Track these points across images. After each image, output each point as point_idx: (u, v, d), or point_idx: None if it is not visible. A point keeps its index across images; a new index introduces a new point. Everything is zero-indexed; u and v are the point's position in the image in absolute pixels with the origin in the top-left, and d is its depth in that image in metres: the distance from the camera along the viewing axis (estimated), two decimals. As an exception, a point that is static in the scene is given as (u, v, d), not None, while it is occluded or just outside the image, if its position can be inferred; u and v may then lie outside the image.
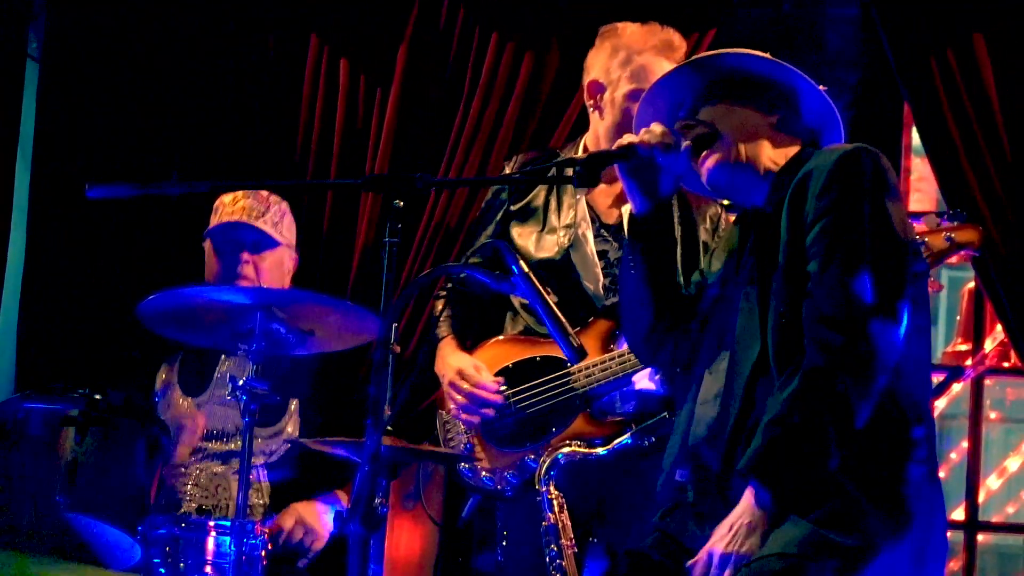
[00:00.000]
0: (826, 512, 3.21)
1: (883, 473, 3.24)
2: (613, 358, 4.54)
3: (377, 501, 3.57)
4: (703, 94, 3.55)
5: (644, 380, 4.54)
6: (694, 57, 3.63)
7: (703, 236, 4.61)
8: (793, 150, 3.52)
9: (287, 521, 4.88)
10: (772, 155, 3.49)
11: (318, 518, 4.93)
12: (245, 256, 5.01)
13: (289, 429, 5.02)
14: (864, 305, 3.22)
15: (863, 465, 3.22)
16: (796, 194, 3.36)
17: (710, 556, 3.28)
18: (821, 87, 3.56)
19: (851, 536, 3.19)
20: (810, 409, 3.21)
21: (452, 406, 4.70)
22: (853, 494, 3.21)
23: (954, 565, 6.35)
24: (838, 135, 3.58)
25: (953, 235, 4.46)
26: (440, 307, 4.89)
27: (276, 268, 5.07)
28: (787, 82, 3.54)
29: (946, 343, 7.89)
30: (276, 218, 5.06)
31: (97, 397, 4.58)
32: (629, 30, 4.64)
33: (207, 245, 5.11)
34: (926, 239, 4.42)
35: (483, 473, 4.64)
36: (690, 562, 3.33)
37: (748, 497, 3.27)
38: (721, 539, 3.28)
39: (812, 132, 3.58)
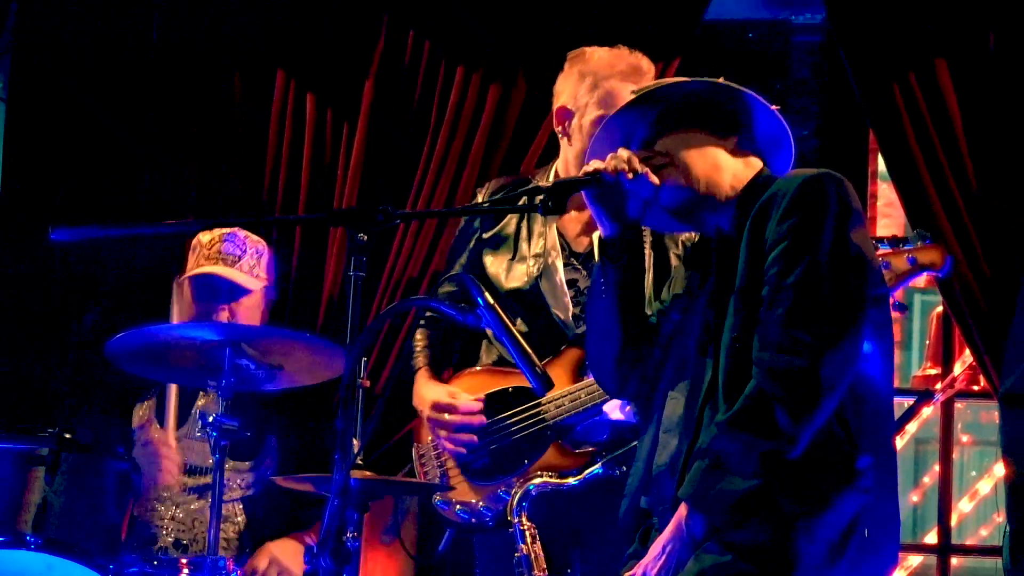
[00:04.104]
0: (749, 541, 3.21)
1: (818, 501, 3.22)
2: (583, 388, 4.53)
3: (349, 535, 3.56)
4: (657, 124, 3.54)
5: (616, 411, 4.54)
6: (643, 89, 3.61)
7: (674, 261, 4.61)
8: (751, 172, 3.52)
9: (261, 561, 4.86)
10: (730, 179, 3.48)
11: (292, 556, 4.92)
12: (222, 305, 5.00)
13: (267, 464, 5.02)
14: (814, 331, 3.20)
15: (797, 491, 3.21)
16: (757, 218, 3.35)
17: (644, 575, 3.31)
18: (774, 107, 3.56)
19: (769, 568, 3.19)
20: (742, 434, 3.21)
21: (430, 438, 4.70)
22: (781, 523, 3.20)
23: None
24: (788, 154, 3.58)
25: (916, 256, 4.46)
26: (418, 337, 4.87)
27: (253, 310, 5.07)
28: (739, 104, 3.54)
29: (919, 367, 7.89)
30: (252, 261, 5.06)
31: (67, 436, 4.58)
32: (597, 55, 4.64)
33: (183, 284, 5.09)
34: (889, 260, 4.42)
35: (457, 506, 4.64)
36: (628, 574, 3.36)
37: (679, 518, 3.28)
38: (654, 560, 3.30)
39: (764, 152, 3.58)
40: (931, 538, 6.21)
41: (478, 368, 4.78)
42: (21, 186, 6.06)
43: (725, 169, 3.49)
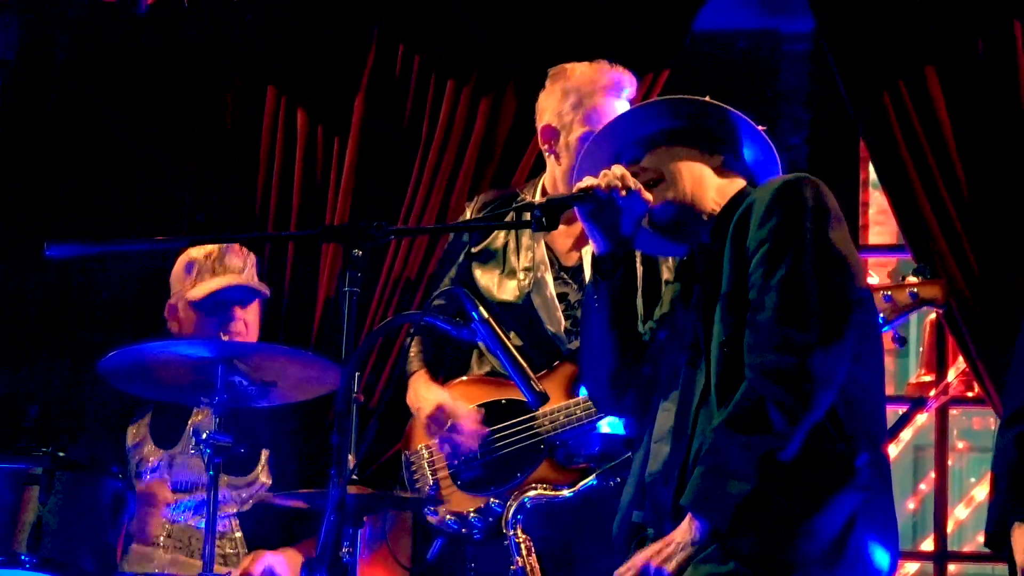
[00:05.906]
0: (749, 545, 3.21)
1: (817, 501, 3.23)
2: (578, 404, 4.53)
3: (344, 550, 3.56)
4: (644, 141, 3.57)
5: (605, 424, 4.54)
6: (632, 109, 3.63)
7: (665, 274, 4.62)
8: (735, 190, 3.54)
9: (255, 568, 4.85)
10: (715, 196, 3.53)
11: (286, 567, 4.91)
12: (238, 313, 5.01)
13: (262, 479, 5.01)
14: (804, 330, 3.22)
15: (796, 492, 3.22)
16: (738, 226, 3.39)
17: (646, 566, 3.30)
18: (760, 127, 3.58)
19: (770, 572, 3.20)
20: (739, 435, 3.22)
21: (420, 445, 4.70)
22: (781, 525, 3.21)
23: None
24: (776, 173, 3.61)
25: (917, 291, 4.48)
26: (413, 344, 4.87)
27: (255, 320, 5.08)
28: (727, 123, 3.57)
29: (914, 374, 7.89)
30: (252, 271, 5.10)
31: (61, 454, 4.57)
32: (578, 71, 4.65)
33: (180, 303, 5.07)
34: (891, 294, 4.44)
35: (448, 516, 4.64)
36: (622, 568, 3.36)
37: (688, 521, 3.28)
38: (657, 553, 3.29)
39: (751, 172, 3.61)
40: (928, 545, 6.20)
41: (466, 378, 4.77)
42: (16, 206, 6.07)
43: (710, 186, 3.54)
